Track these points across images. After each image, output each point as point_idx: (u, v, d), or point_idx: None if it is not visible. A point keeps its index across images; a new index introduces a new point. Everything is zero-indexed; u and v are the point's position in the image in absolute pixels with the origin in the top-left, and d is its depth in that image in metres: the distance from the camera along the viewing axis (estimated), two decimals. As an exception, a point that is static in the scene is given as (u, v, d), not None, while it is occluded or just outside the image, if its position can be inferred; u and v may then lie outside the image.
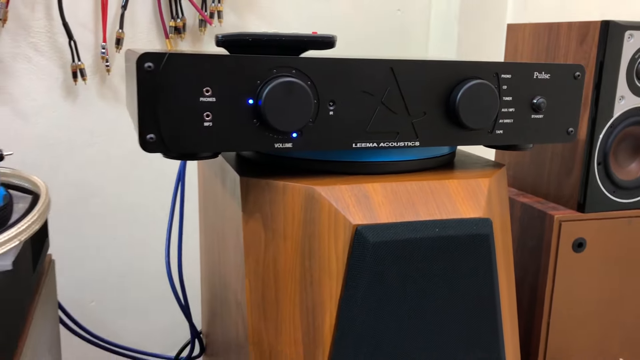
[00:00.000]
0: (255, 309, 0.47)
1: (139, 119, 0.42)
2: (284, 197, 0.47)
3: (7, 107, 1.03)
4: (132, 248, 1.14)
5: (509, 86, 0.50)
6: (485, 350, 0.48)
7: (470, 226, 0.46)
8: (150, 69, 0.41)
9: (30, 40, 1.02)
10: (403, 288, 0.45)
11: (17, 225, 0.43)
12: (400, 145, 0.48)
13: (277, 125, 0.44)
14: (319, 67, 0.44)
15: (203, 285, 0.76)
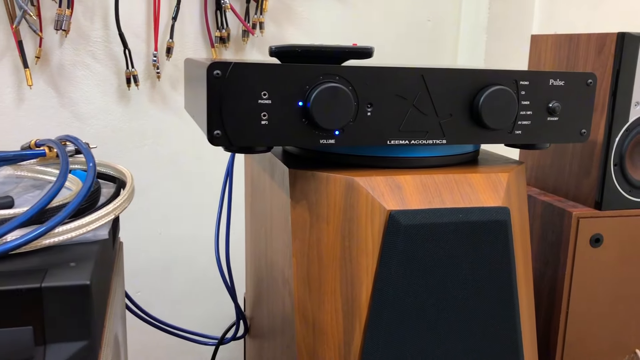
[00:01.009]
0: (301, 283, 0.55)
1: (208, 118, 0.49)
2: (327, 186, 0.54)
3: (68, 110, 1.13)
4: (177, 242, 1.23)
5: (526, 91, 0.57)
6: (502, 326, 0.54)
7: (490, 213, 0.53)
8: (218, 75, 0.49)
9: (89, 49, 1.12)
10: (430, 266, 0.52)
11: (113, 203, 0.51)
12: (429, 143, 0.55)
13: (323, 124, 0.51)
14: (359, 74, 0.52)
15: (248, 272, 0.84)
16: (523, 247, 0.58)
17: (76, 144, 0.60)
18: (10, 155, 0.58)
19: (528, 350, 0.58)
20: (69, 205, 0.46)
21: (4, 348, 0.42)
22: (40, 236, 0.45)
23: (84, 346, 0.43)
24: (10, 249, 0.44)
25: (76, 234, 0.47)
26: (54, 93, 1.12)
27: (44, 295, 0.42)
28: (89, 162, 0.53)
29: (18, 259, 0.45)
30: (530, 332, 0.60)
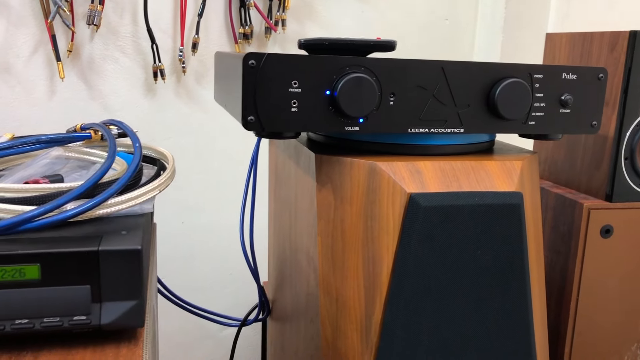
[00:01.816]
0: (325, 261, 0.58)
1: (243, 105, 0.53)
2: (351, 170, 0.58)
3: (97, 102, 1.18)
4: (199, 232, 1.27)
5: (540, 84, 0.60)
6: (514, 303, 0.58)
7: (504, 197, 0.56)
8: (253, 65, 0.53)
9: (118, 43, 1.16)
10: (447, 245, 0.55)
11: (158, 179, 0.55)
12: (448, 131, 0.58)
13: (348, 111, 0.55)
14: (383, 65, 0.55)
15: (271, 257, 0.88)
16: (535, 231, 0.62)
17: (121, 127, 0.64)
18: (60, 137, 0.62)
19: (538, 327, 0.61)
20: (120, 180, 0.50)
21: (66, 304, 0.46)
22: (96, 206, 0.49)
23: (134, 305, 0.47)
24: (69, 216, 0.48)
25: (126, 206, 0.51)
26: (84, 86, 1.17)
27: (100, 258, 0.46)
28: (135, 143, 0.58)
29: (74, 226, 0.49)
30: (541, 312, 0.63)
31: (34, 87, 1.14)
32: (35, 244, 0.46)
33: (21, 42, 1.11)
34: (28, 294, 0.45)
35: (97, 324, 0.46)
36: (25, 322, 0.46)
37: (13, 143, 0.59)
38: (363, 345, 0.57)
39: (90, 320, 0.46)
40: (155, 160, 0.67)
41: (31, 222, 0.47)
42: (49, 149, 0.60)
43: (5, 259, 0.45)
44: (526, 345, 0.58)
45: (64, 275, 0.46)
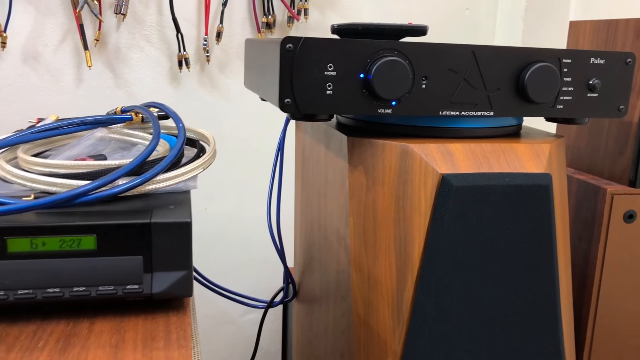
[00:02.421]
0: (357, 240, 0.60)
1: (280, 87, 0.55)
2: (383, 152, 0.59)
3: (122, 91, 1.20)
4: (222, 218, 1.29)
5: (569, 69, 0.61)
6: (542, 280, 0.59)
7: (533, 178, 0.57)
8: (290, 49, 0.54)
9: (143, 33, 1.19)
10: (477, 224, 0.57)
11: (202, 157, 0.57)
12: (478, 114, 0.60)
13: (382, 94, 0.56)
14: (416, 49, 0.57)
15: (297, 241, 0.90)
16: (562, 213, 0.63)
17: (163, 108, 0.66)
18: (104, 119, 0.64)
19: (565, 305, 0.63)
20: (168, 157, 0.52)
21: (120, 273, 0.48)
22: (146, 182, 0.51)
23: (184, 275, 0.49)
24: (121, 191, 0.50)
25: (173, 182, 0.53)
26: (111, 74, 1.19)
27: (152, 230, 0.48)
28: (179, 123, 0.60)
29: (125, 201, 0.51)
30: (567, 291, 0.65)
31: (61, 75, 1.16)
32: (91, 216, 0.48)
33: (50, 31, 1.14)
34: (85, 264, 0.48)
35: (149, 292, 0.48)
36: (82, 289, 0.48)
37: (59, 124, 0.61)
38: (394, 321, 0.58)
39: (142, 289, 0.48)
40: (193, 142, 0.69)
41: (87, 196, 0.50)
42: (93, 130, 0.62)
43: (63, 230, 0.47)
44: (553, 322, 0.60)
45: (118, 246, 0.48)
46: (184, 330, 0.47)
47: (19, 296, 0.46)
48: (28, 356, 0.43)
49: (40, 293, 0.47)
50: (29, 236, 0.46)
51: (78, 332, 0.47)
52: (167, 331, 0.47)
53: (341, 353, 0.66)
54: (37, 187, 0.51)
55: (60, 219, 0.47)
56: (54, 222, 0.47)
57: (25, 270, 0.46)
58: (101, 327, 0.47)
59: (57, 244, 0.47)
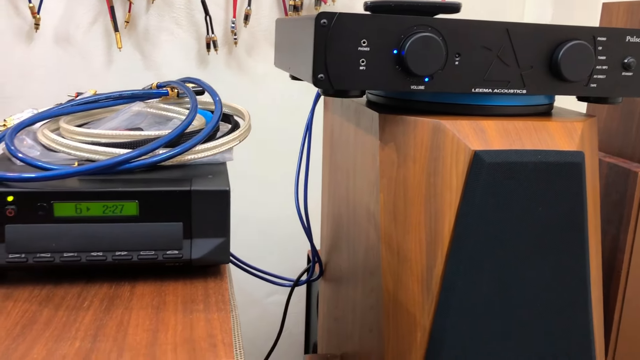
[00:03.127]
0: (387, 215, 0.61)
1: (314, 63, 0.56)
2: (415, 129, 0.59)
3: (152, 72, 1.22)
4: (247, 200, 1.31)
5: (603, 47, 0.61)
6: (573, 258, 0.59)
7: (566, 156, 0.57)
8: (324, 24, 0.55)
9: (172, 15, 1.20)
10: (509, 201, 0.57)
11: (238, 130, 0.58)
12: (510, 92, 0.60)
13: (415, 70, 0.56)
14: (450, 26, 0.57)
15: (324, 221, 0.91)
16: (593, 192, 0.63)
17: (199, 83, 0.67)
18: (140, 93, 0.65)
19: (595, 283, 0.63)
20: (206, 128, 0.54)
21: (161, 239, 0.49)
22: (185, 151, 0.52)
23: (222, 242, 0.50)
24: (162, 159, 0.51)
25: (211, 153, 0.54)
26: (140, 56, 1.20)
27: (192, 197, 0.49)
28: (215, 97, 0.61)
29: (165, 170, 0.53)
30: (597, 270, 0.65)
31: (92, 56, 1.18)
32: (133, 183, 0.49)
33: (81, 13, 1.16)
34: (127, 229, 0.49)
35: (188, 258, 0.50)
36: (125, 254, 0.49)
37: (98, 97, 0.63)
38: (424, 296, 0.59)
39: (182, 255, 0.50)
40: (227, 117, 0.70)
41: (128, 163, 0.51)
42: (130, 104, 0.64)
43: (107, 195, 0.49)
44: (583, 298, 0.60)
45: (159, 212, 0.49)
46: (222, 295, 0.48)
47: (65, 259, 0.48)
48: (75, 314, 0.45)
49: (85, 256, 0.49)
50: (73, 201, 0.48)
51: (120, 294, 0.48)
52: (206, 295, 0.48)
53: (369, 328, 0.67)
54: (81, 154, 0.53)
55: (103, 185, 0.49)
56: (98, 187, 0.48)
57: (70, 233, 0.48)
58: (142, 290, 0.49)
59: (101, 209, 0.48)
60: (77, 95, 0.71)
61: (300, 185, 0.88)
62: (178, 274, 0.51)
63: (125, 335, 0.43)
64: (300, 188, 0.87)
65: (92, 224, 0.49)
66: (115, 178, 0.50)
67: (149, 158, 0.51)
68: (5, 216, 0.48)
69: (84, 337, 0.43)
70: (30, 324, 0.45)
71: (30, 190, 0.48)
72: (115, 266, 0.50)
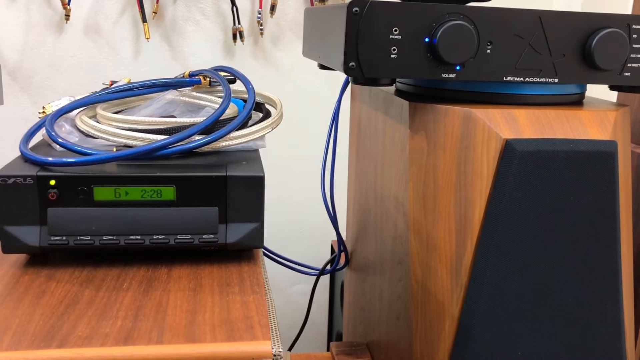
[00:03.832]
0: (416, 204, 0.61)
1: (345, 51, 0.56)
2: (445, 117, 0.59)
3: (179, 63, 1.23)
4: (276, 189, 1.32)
5: (638, 35, 0.60)
6: (603, 250, 0.59)
7: (598, 145, 0.57)
8: (356, 12, 0.55)
9: (199, 6, 1.21)
10: (540, 190, 0.57)
11: (270, 118, 0.59)
12: (542, 81, 0.59)
13: (447, 58, 0.56)
14: (482, 14, 0.57)
15: (350, 211, 0.91)
16: (625, 183, 0.62)
17: (231, 72, 0.68)
18: (174, 81, 0.67)
19: (626, 275, 0.62)
20: (241, 116, 0.54)
21: (198, 223, 0.51)
22: (220, 137, 0.53)
23: (256, 227, 0.51)
24: (198, 145, 0.52)
25: (245, 140, 0.55)
26: (167, 47, 1.22)
27: (228, 183, 0.50)
28: (248, 85, 0.61)
29: (200, 157, 0.54)
30: (629, 261, 0.64)
31: (121, 47, 1.20)
32: (170, 168, 0.51)
33: (110, 4, 1.17)
34: (164, 213, 0.50)
35: (224, 242, 0.51)
36: (162, 237, 0.51)
37: (132, 85, 0.64)
38: (453, 285, 0.59)
39: (217, 239, 0.51)
40: (259, 106, 0.70)
41: (166, 149, 0.52)
42: (164, 92, 0.65)
43: (146, 180, 0.50)
44: (614, 289, 0.60)
45: (196, 197, 0.50)
46: (257, 279, 0.49)
47: (104, 241, 0.50)
48: (115, 295, 0.46)
49: (123, 239, 0.50)
50: (113, 185, 0.49)
51: (158, 276, 0.50)
52: (241, 278, 0.49)
53: (397, 316, 0.67)
54: (119, 140, 0.54)
55: (141, 170, 0.50)
56: (137, 172, 0.50)
57: (110, 217, 0.49)
58: (179, 273, 0.50)
59: (139, 193, 0.50)
60: (112, 83, 0.72)
61: (326, 174, 0.89)
62: (213, 258, 0.52)
63: (165, 315, 0.45)
64: (327, 177, 0.88)
65: (130, 208, 0.50)
66: (153, 164, 0.51)
67: (186, 144, 0.52)
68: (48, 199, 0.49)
69: (125, 317, 0.45)
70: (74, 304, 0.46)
71: (71, 175, 0.49)
72: (153, 249, 0.51)
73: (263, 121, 0.57)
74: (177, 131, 0.53)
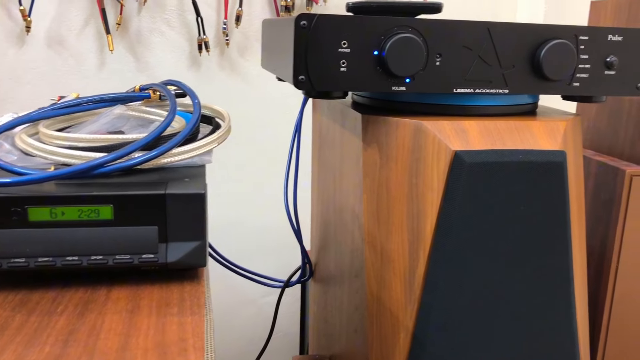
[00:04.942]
0: (370, 216, 0.61)
1: (294, 65, 0.56)
2: (397, 130, 0.59)
3: (144, 74, 1.22)
4: (241, 201, 1.31)
5: (586, 46, 0.60)
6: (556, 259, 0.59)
7: (547, 155, 0.57)
8: (304, 26, 0.55)
9: (164, 17, 1.20)
10: (490, 202, 0.57)
11: (217, 132, 0.58)
12: (492, 92, 0.60)
13: (396, 71, 0.56)
14: (430, 26, 0.57)
15: (313, 222, 0.91)
16: (577, 192, 0.63)
17: (180, 85, 0.67)
18: (122, 96, 0.66)
19: (579, 285, 0.62)
20: (184, 131, 0.54)
21: (136, 243, 0.50)
22: (161, 154, 0.52)
23: (198, 245, 0.50)
24: (138, 163, 0.52)
25: (188, 156, 0.54)
26: (132, 58, 1.21)
27: (167, 201, 0.49)
28: (194, 99, 0.61)
29: (141, 174, 0.53)
30: (582, 271, 0.65)
31: (85, 59, 1.18)
32: (108, 187, 0.50)
33: (73, 16, 1.16)
34: (102, 233, 0.49)
35: (164, 262, 0.50)
36: (100, 258, 0.50)
37: (79, 101, 0.63)
38: (407, 297, 0.59)
39: (157, 259, 0.50)
40: (209, 119, 0.70)
41: (103, 167, 0.51)
42: (112, 107, 0.64)
43: (82, 200, 0.49)
44: (566, 299, 0.60)
45: (134, 216, 0.49)
46: (198, 299, 0.48)
47: (39, 263, 0.48)
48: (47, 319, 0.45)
49: (60, 261, 0.49)
50: (48, 205, 0.48)
51: (96, 298, 0.49)
52: (181, 299, 0.48)
53: (354, 329, 0.67)
54: (57, 159, 0.53)
55: (78, 190, 0.49)
56: (73, 192, 0.49)
57: (45, 238, 0.48)
58: (118, 294, 0.49)
59: (76, 213, 0.49)
60: (60, 98, 0.71)
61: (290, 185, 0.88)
62: (155, 278, 0.51)
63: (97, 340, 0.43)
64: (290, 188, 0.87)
65: (67, 229, 0.49)
66: (92, 182, 0.51)
67: (125, 162, 0.51)
68: (-21, 222, 0.48)
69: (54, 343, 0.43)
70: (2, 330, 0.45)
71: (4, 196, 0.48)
72: (91, 270, 0.51)
73: (208, 136, 0.57)
74: (118, 148, 0.52)
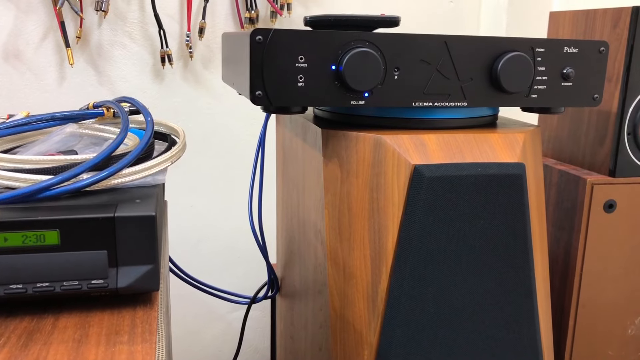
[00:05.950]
0: (332, 232, 0.60)
1: (250, 80, 0.55)
2: (357, 144, 0.59)
3: (105, 88, 1.19)
4: (208, 215, 1.29)
5: (542, 58, 0.61)
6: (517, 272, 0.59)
7: (506, 168, 0.57)
8: (260, 41, 0.54)
9: (126, 29, 1.18)
10: (450, 215, 0.57)
11: (170, 151, 0.57)
12: (451, 105, 0.60)
13: (354, 86, 0.56)
14: (388, 40, 0.56)
15: (279, 236, 0.90)
16: (537, 203, 0.63)
17: (133, 103, 0.66)
18: (74, 114, 0.64)
19: (541, 295, 0.63)
20: (134, 150, 0.52)
21: (84, 268, 0.48)
22: (111, 175, 0.51)
23: (150, 269, 0.49)
24: (85, 185, 0.50)
25: (140, 176, 0.53)
26: (93, 72, 1.18)
27: (116, 224, 0.48)
28: (147, 117, 0.59)
29: (90, 196, 0.51)
30: (544, 281, 0.65)
31: (44, 73, 1.15)
32: (54, 211, 0.48)
33: (31, 29, 1.13)
34: (48, 259, 0.47)
35: (114, 287, 0.48)
36: (46, 285, 0.48)
37: (29, 120, 0.61)
38: (370, 314, 0.58)
39: (107, 284, 0.48)
40: (165, 137, 0.68)
41: (49, 190, 0.49)
42: (63, 126, 0.62)
43: (26, 225, 0.47)
44: (529, 309, 0.60)
45: (82, 240, 0.47)
46: (150, 325, 0.47)
47: (-19, 293, 0.46)
48: (-14, 353, 0.43)
49: (3, 289, 0.47)
50: (-10, 231, 0.46)
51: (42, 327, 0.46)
52: (133, 325, 0.47)
53: (319, 346, 0.66)
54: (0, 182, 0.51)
55: (22, 214, 0.47)
56: (16, 217, 0.47)
57: (-13, 266, 0.46)
58: (66, 323, 0.47)
59: (20, 239, 0.47)
60: (9, 117, 0.69)
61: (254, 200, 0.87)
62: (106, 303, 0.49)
63: (40, 373, 0.41)
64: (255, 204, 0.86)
65: (10, 255, 0.47)
66: (38, 206, 0.49)
67: (72, 184, 0.49)
68: None
69: (-8, 379, 0.41)
70: None
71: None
72: (37, 298, 0.49)
73: (161, 155, 0.56)
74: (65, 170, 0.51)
